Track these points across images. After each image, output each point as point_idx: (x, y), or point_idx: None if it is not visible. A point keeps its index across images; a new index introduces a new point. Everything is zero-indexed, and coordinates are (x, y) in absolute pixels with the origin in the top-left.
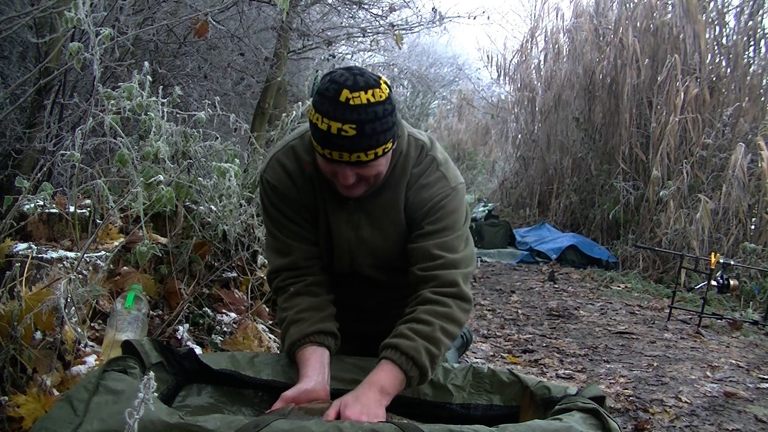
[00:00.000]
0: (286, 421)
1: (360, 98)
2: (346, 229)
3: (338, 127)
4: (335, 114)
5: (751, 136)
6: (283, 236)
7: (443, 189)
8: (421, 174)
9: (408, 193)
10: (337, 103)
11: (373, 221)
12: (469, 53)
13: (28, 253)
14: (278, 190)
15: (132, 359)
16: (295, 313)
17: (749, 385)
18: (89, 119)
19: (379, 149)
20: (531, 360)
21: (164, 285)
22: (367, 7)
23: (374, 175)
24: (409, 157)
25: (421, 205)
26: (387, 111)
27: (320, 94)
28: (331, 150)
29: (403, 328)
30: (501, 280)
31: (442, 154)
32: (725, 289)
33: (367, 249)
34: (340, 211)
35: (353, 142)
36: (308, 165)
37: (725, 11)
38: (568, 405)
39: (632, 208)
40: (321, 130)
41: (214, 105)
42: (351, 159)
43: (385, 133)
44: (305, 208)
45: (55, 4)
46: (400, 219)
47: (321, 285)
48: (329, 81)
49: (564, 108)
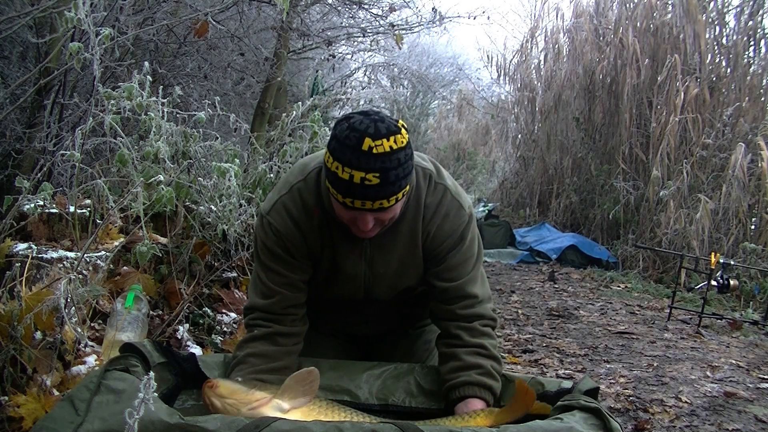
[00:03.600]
0: (286, 422)
1: (383, 146)
2: (361, 266)
3: (362, 176)
4: (359, 164)
5: (751, 136)
6: (270, 281)
7: (462, 218)
8: (437, 204)
9: (427, 226)
10: (360, 152)
11: (390, 257)
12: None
13: (28, 253)
14: (281, 236)
15: (134, 358)
16: (245, 355)
17: (749, 385)
18: (89, 119)
19: (400, 194)
20: (531, 360)
21: (164, 285)
22: (367, 7)
23: (390, 218)
24: (420, 188)
25: (444, 238)
26: (408, 156)
27: (339, 142)
28: (353, 199)
29: (481, 361)
30: (501, 280)
31: (450, 180)
32: (725, 289)
33: (386, 282)
34: (352, 250)
35: (377, 190)
36: (317, 211)
37: (725, 11)
38: (569, 403)
39: (632, 208)
40: (342, 180)
41: (214, 105)
42: (374, 206)
43: (407, 177)
44: (306, 254)
45: (55, 4)
46: (417, 252)
47: (287, 336)
48: (348, 129)
49: (564, 108)
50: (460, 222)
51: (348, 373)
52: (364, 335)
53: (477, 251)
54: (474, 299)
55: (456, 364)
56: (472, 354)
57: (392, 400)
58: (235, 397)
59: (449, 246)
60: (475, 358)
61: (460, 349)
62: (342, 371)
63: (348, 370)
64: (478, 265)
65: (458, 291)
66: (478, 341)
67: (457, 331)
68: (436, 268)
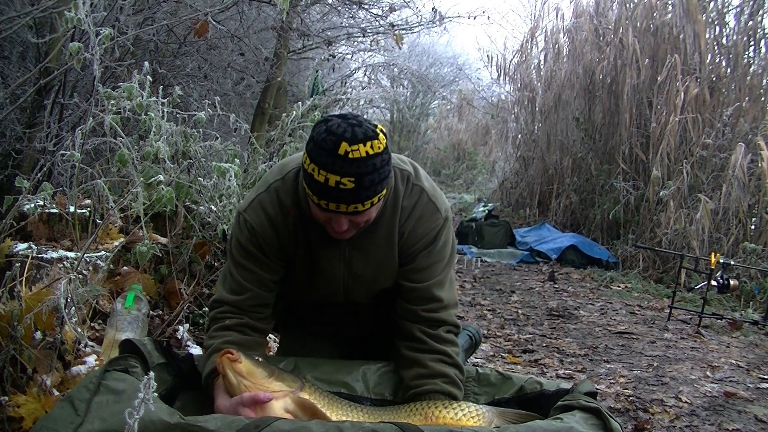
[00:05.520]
0: (287, 422)
1: (359, 151)
2: (339, 267)
3: (336, 180)
4: (334, 167)
5: (751, 136)
6: (241, 277)
7: (437, 221)
8: (413, 206)
9: (402, 228)
10: (335, 156)
11: (368, 258)
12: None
13: (28, 253)
14: (256, 233)
15: (134, 358)
16: (221, 342)
17: (749, 385)
18: (89, 119)
19: (375, 198)
20: (531, 360)
21: (164, 285)
22: (367, 7)
23: (366, 221)
24: (398, 190)
25: (417, 239)
26: (384, 161)
27: (317, 144)
28: (328, 201)
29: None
30: (501, 280)
31: (428, 181)
32: (725, 289)
33: (363, 284)
34: (330, 251)
35: (351, 194)
36: (293, 209)
37: (725, 11)
38: (570, 403)
39: (632, 208)
40: (318, 182)
41: (214, 105)
42: (348, 210)
43: (382, 182)
44: (280, 254)
45: (55, 4)
46: (394, 253)
47: (256, 330)
48: (326, 132)
49: (564, 108)
50: (435, 225)
51: (345, 367)
52: (359, 336)
53: (449, 255)
54: (439, 303)
55: (421, 371)
56: (437, 362)
57: (387, 395)
58: (253, 380)
59: (421, 247)
60: (440, 365)
61: (426, 355)
62: (339, 366)
63: (345, 365)
64: (447, 269)
65: (424, 293)
66: (443, 348)
67: (421, 336)
68: (405, 267)
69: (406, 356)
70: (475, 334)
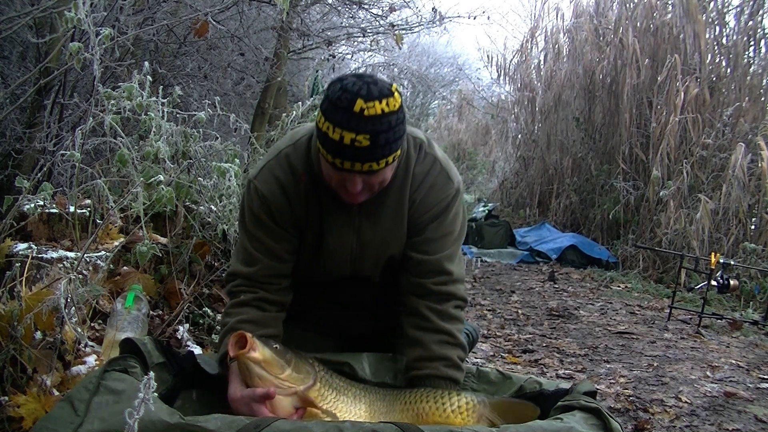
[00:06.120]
0: (287, 422)
1: (375, 108)
2: (348, 234)
3: (352, 138)
4: (349, 124)
5: (751, 136)
6: (253, 248)
7: (449, 191)
8: (425, 174)
9: (413, 195)
10: (351, 113)
11: (377, 224)
12: (469, 53)
13: (28, 253)
14: (267, 202)
15: (133, 358)
16: (237, 321)
17: (749, 385)
18: (89, 119)
19: (390, 157)
20: (531, 360)
21: (164, 285)
22: (367, 7)
23: (380, 182)
24: (410, 155)
25: (428, 208)
26: (399, 119)
27: (332, 103)
28: (343, 160)
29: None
30: (501, 280)
31: (441, 152)
32: (725, 289)
33: (372, 252)
34: (340, 217)
35: (367, 152)
36: (304, 176)
37: (725, 11)
38: (570, 403)
39: (632, 208)
40: (332, 140)
41: (214, 105)
42: (363, 168)
43: (397, 141)
44: (291, 222)
45: (55, 4)
46: (403, 221)
47: (273, 303)
48: (341, 89)
49: (564, 108)
50: (446, 194)
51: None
52: (359, 334)
53: (459, 228)
54: (448, 276)
55: (423, 353)
56: (440, 343)
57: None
58: (269, 369)
59: (431, 217)
60: (443, 348)
61: (429, 335)
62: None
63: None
64: (458, 243)
65: (434, 265)
66: (447, 327)
67: (427, 313)
68: (415, 239)
69: (410, 335)
70: (472, 332)
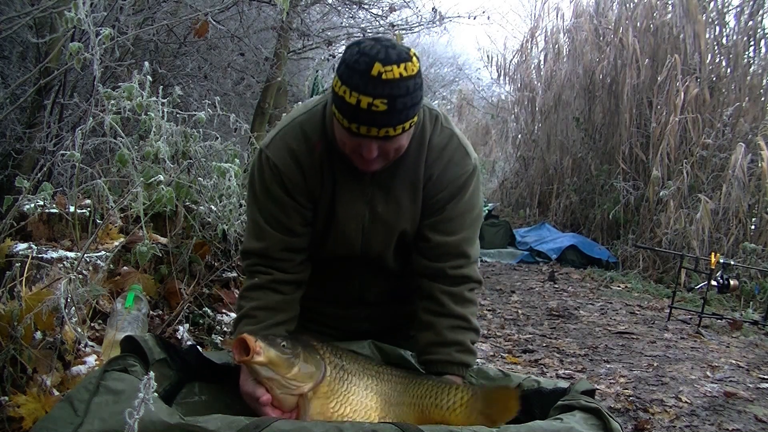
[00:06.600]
0: (286, 422)
1: (392, 72)
2: (361, 206)
3: (369, 102)
4: (366, 88)
5: (751, 136)
6: (263, 222)
7: (467, 167)
8: (443, 147)
9: (430, 168)
10: (368, 77)
11: (390, 196)
12: (469, 53)
13: (28, 253)
14: (279, 172)
15: (133, 357)
16: (251, 308)
17: (749, 385)
18: (89, 119)
19: (407, 123)
20: (531, 360)
21: (164, 285)
22: (367, 7)
23: (395, 149)
24: (425, 127)
25: (445, 185)
26: (417, 85)
27: (349, 67)
28: (359, 124)
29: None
30: (501, 280)
31: (457, 128)
32: (725, 289)
33: (383, 226)
34: (354, 188)
35: (384, 117)
36: (319, 145)
37: (725, 11)
38: (569, 403)
39: (632, 208)
40: (349, 104)
41: (214, 105)
42: (379, 134)
43: (414, 107)
44: (304, 193)
45: (55, 4)
46: (417, 195)
47: (289, 283)
48: (358, 53)
49: (564, 108)
50: (465, 170)
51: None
52: (365, 331)
53: (478, 207)
54: (466, 260)
55: (436, 338)
56: (452, 329)
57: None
58: (276, 369)
59: (449, 194)
60: (456, 333)
61: (442, 319)
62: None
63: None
64: (477, 224)
65: (453, 248)
66: (461, 311)
67: (442, 297)
68: (433, 218)
69: (423, 319)
70: None
